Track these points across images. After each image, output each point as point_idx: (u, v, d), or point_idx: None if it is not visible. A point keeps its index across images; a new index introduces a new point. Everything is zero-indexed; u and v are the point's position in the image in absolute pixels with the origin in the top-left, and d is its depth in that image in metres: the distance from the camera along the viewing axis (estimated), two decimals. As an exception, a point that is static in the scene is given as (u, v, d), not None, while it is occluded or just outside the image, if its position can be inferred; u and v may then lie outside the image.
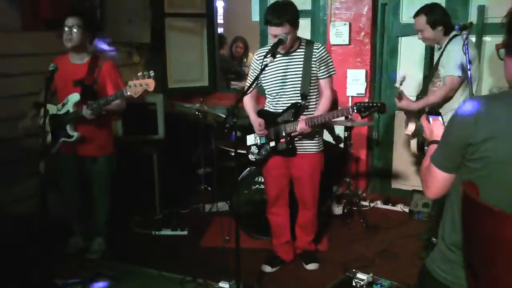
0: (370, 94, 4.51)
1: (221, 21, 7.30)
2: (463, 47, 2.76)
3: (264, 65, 2.75)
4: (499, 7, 3.77)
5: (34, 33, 3.80)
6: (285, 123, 3.11)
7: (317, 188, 3.27)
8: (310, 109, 3.12)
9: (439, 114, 1.77)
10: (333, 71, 3.15)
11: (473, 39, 3.73)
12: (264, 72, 2.98)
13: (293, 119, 3.08)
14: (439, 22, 3.26)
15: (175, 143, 4.45)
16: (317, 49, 3.06)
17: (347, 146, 4.03)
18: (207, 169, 4.57)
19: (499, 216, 1.22)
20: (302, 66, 3.05)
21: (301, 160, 3.16)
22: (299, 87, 3.07)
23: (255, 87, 3.07)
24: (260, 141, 3.24)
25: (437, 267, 1.55)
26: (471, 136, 1.38)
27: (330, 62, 3.13)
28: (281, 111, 3.14)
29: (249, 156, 3.30)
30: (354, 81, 4.46)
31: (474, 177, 1.40)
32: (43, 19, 3.80)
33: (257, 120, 3.17)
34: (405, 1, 4.33)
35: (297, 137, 3.11)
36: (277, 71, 3.09)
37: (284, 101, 3.13)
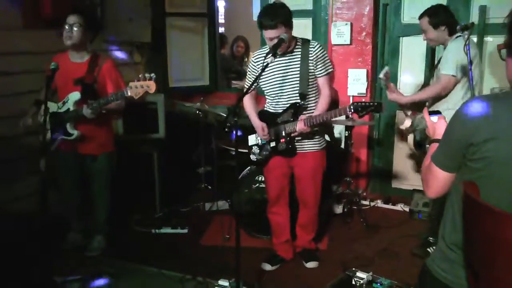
0: (371, 93, 4.51)
1: (222, 20, 7.31)
2: (464, 47, 2.77)
3: (265, 64, 2.75)
4: (500, 7, 3.78)
5: (35, 32, 3.80)
6: (284, 123, 3.12)
7: (319, 187, 3.27)
8: (309, 109, 3.12)
9: (439, 112, 1.76)
10: (330, 69, 3.15)
11: (474, 39, 3.73)
12: (262, 73, 2.97)
13: (292, 119, 3.08)
14: (441, 22, 3.27)
15: (176, 142, 4.45)
16: (313, 47, 3.05)
17: (347, 145, 4.03)
18: (208, 168, 4.57)
19: (499, 216, 1.22)
20: (299, 66, 3.05)
21: (303, 159, 3.17)
22: (297, 87, 3.07)
23: (254, 88, 3.07)
24: (261, 141, 3.25)
25: (437, 266, 1.55)
26: (473, 136, 1.38)
27: (327, 59, 3.12)
28: (281, 111, 3.14)
29: (250, 156, 3.30)
30: (355, 81, 4.46)
31: (475, 177, 1.40)
32: (44, 17, 3.80)
33: (260, 124, 3.17)
34: (406, 2, 4.33)
35: (297, 137, 3.11)
36: (275, 72, 3.09)
37: (283, 102, 3.13)
